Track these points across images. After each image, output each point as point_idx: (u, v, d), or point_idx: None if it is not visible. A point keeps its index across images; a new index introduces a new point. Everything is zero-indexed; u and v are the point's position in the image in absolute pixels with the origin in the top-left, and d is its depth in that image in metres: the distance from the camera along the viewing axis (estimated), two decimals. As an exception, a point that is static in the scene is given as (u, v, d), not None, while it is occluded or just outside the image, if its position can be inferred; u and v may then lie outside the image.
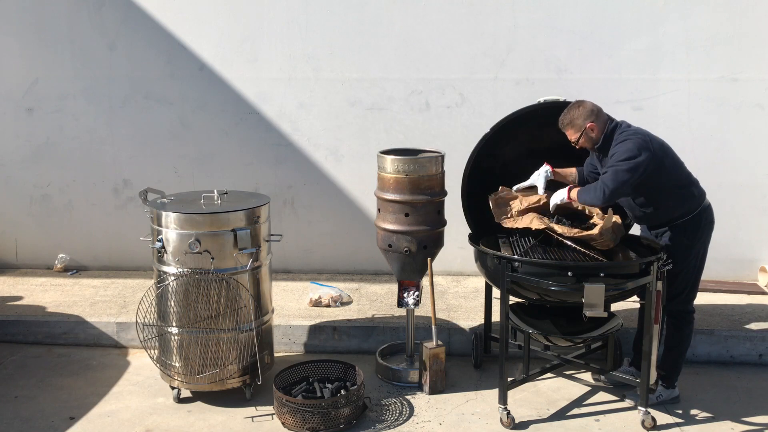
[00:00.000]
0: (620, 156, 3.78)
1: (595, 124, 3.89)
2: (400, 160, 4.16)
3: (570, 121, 3.93)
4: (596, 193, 3.79)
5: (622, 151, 3.78)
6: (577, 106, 3.94)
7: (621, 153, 3.79)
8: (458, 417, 4.05)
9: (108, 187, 6.04)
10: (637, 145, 3.77)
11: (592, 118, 3.90)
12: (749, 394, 4.33)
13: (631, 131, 3.88)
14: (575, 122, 3.92)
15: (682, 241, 3.95)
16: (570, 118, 3.93)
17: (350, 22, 5.65)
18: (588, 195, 3.85)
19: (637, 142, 3.79)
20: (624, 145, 3.80)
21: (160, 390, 4.33)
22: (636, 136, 3.82)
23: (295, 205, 5.96)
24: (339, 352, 4.85)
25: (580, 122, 3.90)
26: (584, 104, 3.94)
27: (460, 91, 5.68)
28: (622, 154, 3.78)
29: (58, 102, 5.92)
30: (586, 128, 3.89)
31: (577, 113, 3.92)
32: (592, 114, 3.91)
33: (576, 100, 4.00)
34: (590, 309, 3.60)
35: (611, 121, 3.95)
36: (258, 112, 5.83)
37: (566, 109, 3.97)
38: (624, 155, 3.76)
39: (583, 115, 3.90)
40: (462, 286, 5.74)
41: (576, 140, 3.95)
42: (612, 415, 4.07)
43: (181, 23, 5.74)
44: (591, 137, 3.92)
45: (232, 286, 3.97)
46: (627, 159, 3.75)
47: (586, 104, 3.94)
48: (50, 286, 5.72)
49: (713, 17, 5.45)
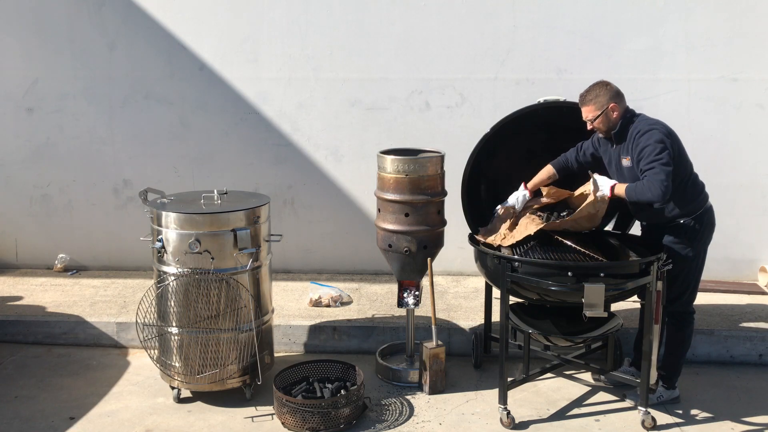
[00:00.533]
0: (656, 147, 3.70)
1: (617, 106, 3.85)
2: (400, 160, 4.16)
3: (595, 97, 3.86)
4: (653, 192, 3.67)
5: (656, 141, 3.71)
6: (603, 85, 3.89)
7: (655, 144, 3.71)
8: (458, 417, 4.05)
9: (108, 187, 6.03)
10: (664, 135, 3.74)
11: (616, 100, 3.86)
12: (749, 394, 4.33)
13: (652, 120, 3.84)
14: (599, 99, 3.85)
15: (682, 243, 3.95)
16: (595, 94, 3.87)
17: (350, 22, 5.65)
18: (643, 194, 3.73)
19: (662, 131, 3.76)
20: (653, 136, 3.73)
21: (160, 390, 4.33)
22: (659, 126, 3.79)
23: (295, 205, 5.96)
24: (339, 352, 4.85)
25: (603, 100, 3.84)
26: (610, 85, 3.90)
27: (460, 91, 5.68)
28: (657, 144, 3.70)
29: (58, 102, 5.92)
30: (608, 108, 3.84)
31: (603, 90, 3.86)
32: (617, 96, 3.87)
33: (600, 80, 3.95)
34: (590, 309, 3.60)
35: (629, 110, 3.91)
36: (258, 112, 5.83)
37: (591, 86, 3.91)
38: (659, 146, 3.70)
39: (608, 94, 3.85)
40: (462, 286, 5.74)
41: (594, 118, 3.88)
42: (612, 415, 4.07)
43: (181, 23, 5.74)
44: (610, 119, 3.87)
45: (232, 286, 3.97)
46: (663, 150, 3.69)
47: (611, 85, 3.89)
48: (50, 286, 5.72)
49: (713, 17, 5.45)
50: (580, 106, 3.96)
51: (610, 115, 3.87)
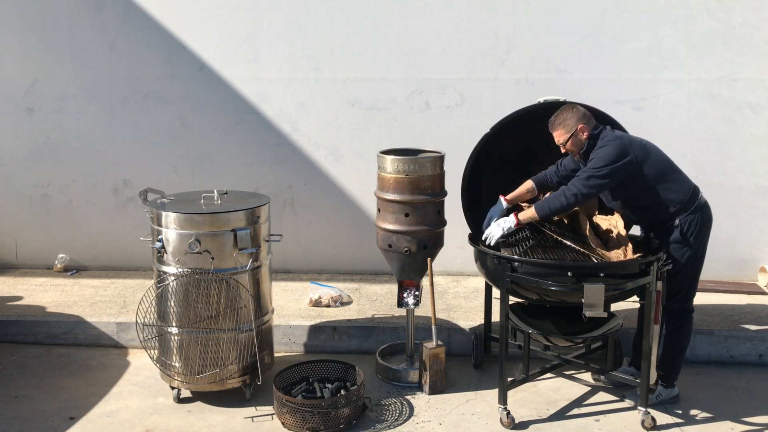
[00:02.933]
0: (597, 162, 3.83)
1: (585, 126, 3.93)
2: (400, 160, 4.16)
3: (562, 121, 3.95)
4: (565, 198, 3.84)
5: (600, 157, 3.84)
6: (570, 108, 3.98)
7: (599, 159, 3.84)
8: (458, 417, 4.05)
9: (108, 187, 6.03)
10: (617, 151, 3.82)
11: (584, 121, 3.94)
12: (749, 394, 4.33)
13: (611, 137, 3.92)
14: (567, 122, 3.94)
15: (681, 240, 3.95)
16: (563, 119, 3.96)
17: (350, 22, 5.65)
18: (555, 202, 3.88)
19: (616, 147, 3.84)
20: (602, 151, 3.85)
21: (160, 390, 4.33)
22: (615, 142, 3.86)
23: (295, 205, 5.96)
24: (339, 352, 4.85)
25: (572, 123, 3.93)
26: (577, 107, 3.98)
27: (460, 91, 5.68)
28: (600, 160, 3.83)
29: (58, 102, 5.92)
30: (577, 129, 3.92)
31: (569, 114, 3.95)
32: (584, 117, 3.95)
33: (568, 103, 4.03)
34: (590, 309, 3.60)
35: (597, 127, 3.98)
36: (258, 112, 5.83)
37: (558, 111, 4.00)
38: (601, 162, 3.82)
39: (575, 116, 3.94)
40: (462, 286, 5.74)
41: (565, 141, 3.97)
42: (612, 415, 4.07)
43: (181, 23, 5.74)
44: (580, 140, 3.95)
45: (232, 286, 3.97)
46: (604, 165, 3.81)
47: (578, 108, 3.98)
48: (50, 286, 5.72)
49: (713, 17, 5.45)
50: (551, 131, 4.01)
51: (579, 136, 3.94)
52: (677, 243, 3.95)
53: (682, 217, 3.94)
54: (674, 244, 3.96)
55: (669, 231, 3.97)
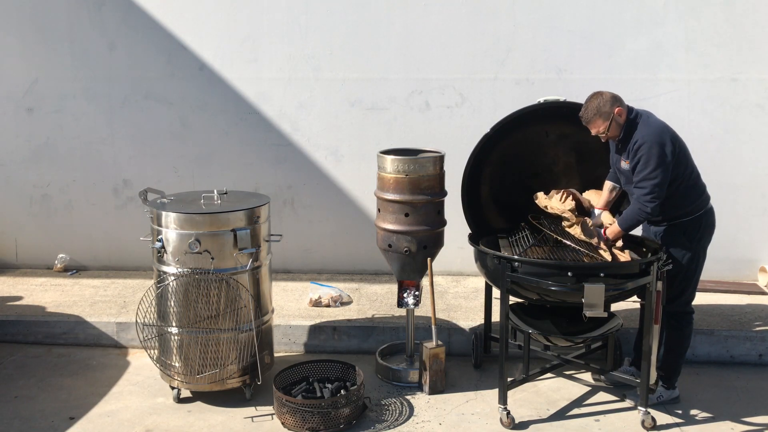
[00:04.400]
0: (650, 163, 3.72)
1: (622, 109, 3.82)
2: (400, 160, 4.16)
3: (597, 110, 3.80)
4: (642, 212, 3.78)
5: (651, 156, 3.72)
6: (598, 96, 3.84)
7: (649, 159, 3.72)
8: (458, 417, 4.05)
9: (108, 187, 6.03)
10: (662, 146, 3.73)
11: (617, 104, 3.82)
12: (749, 394, 4.33)
13: (653, 126, 3.79)
14: (602, 109, 3.79)
15: (682, 242, 3.95)
16: (596, 107, 3.81)
17: (350, 22, 5.65)
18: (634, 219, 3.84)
19: (662, 142, 3.74)
20: (651, 149, 3.72)
21: (160, 390, 4.33)
22: (658, 135, 3.76)
23: (295, 205, 5.96)
24: (339, 352, 4.85)
25: (607, 109, 3.79)
26: (604, 93, 3.85)
27: (460, 91, 5.68)
28: (652, 160, 3.71)
29: (58, 102, 5.92)
30: (614, 114, 3.80)
31: (601, 101, 3.81)
32: (616, 100, 3.83)
33: (593, 92, 3.89)
34: (590, 309, 3.60)
35: (630, 110, 3.88)
36: (258, 112, 5.83)
37: (587, 102, 3.86)
38: (654, 162, 3.71)
39: (608, 102, 3.80)
40: (462, 286, 5.74)
41: (605, 130, 3.83)
42: (612, 415, 4.07)
43: (181, 23, 5.74)
44: (620, 123, 3.83)
45: (232, 286, 3.97)
46: (657, 166, 3.71)
47: (605, 93, 3.85)
48: (50, 286, 5.72)
49: (713, 17, 5.45)
50: (586, 125, 3.89)
51: (618, 120, 3.83)
52: (679, 244, 3.95)
53: (687, 219, 3.93)
54: (676, 246, 3.95)
55: (671, 231, 3.97)
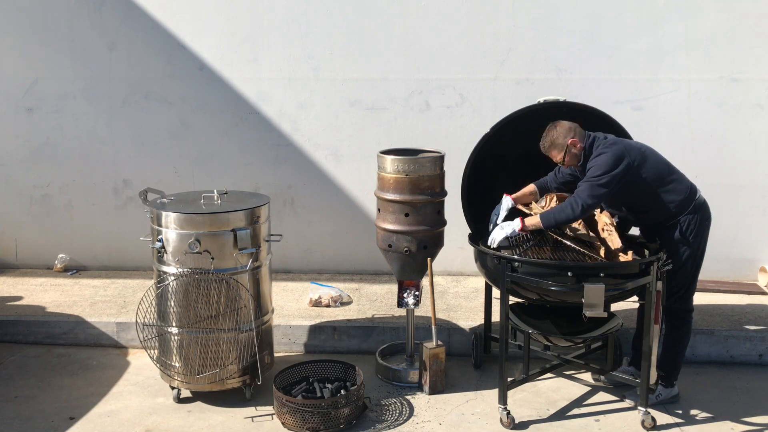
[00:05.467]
0: (596, 171, 3.82)
1: (576, 140, 3.92)
2: (400, 160, 4.16)
3: (551, 143, 3.95)
4: (572, 211, 3.83)
5: (599, 165, 3.83)
6: (553, 127, 3.96)
7: (597, 167, 3.83)
8: (458, 417, 4.05)
9: (108, 187, 6.03)
10: (614, 157, 3.81)
11: (571, 135, 3.92)
12: (749, 394, 4.33)
13: (607, 143, 3.91)
14: (556, 142, 3.93)
15: (679, 239, 3.96)
16: (550, 140, 3.95)
17: (350, 22, 5.65)
18: (561, 214, 3.88)
19: (614, 154, 3.83)
20: (600, 159, 3.84)
21: (160, 390, 4.33)
22: (613, 148, 3.86)
23: (295, 205, 5.96)
24: (339, 352, 4.85)
25: (561, 141, 3.92)
26: (560, 123, 3.97)
27: (460, 91, 5.68)
28: (599, 168, 3.82)
29: (58, 102, 5.92)
30: (568, 145, 3.91)
31: (555, 133, 3.94)
32: (570, 131, 3.94)
33: (551, 123, 4.00)
34: (590, 309, 3.60)
35: (588, 135, 3.97)
36: (258, 112, 5.83)
37: (544, 133, 3.99)
38: (600, 170, 3.81)
39: (562, 133, 3.93)
40: (462, 286, 5.74)
41: (561, 160, 3.97)
42: (612, 415, 4.07)
43: (181, 23, 5.74)
44: (575, 153, 3.94)
45: (232, 286, 3.97)
46: (603, 173, 3.80)
47: (562, 123, 3.97)
48: (50, 286, 5.72)
49: (713, 17, 5.45)
50: (546, 154, 4.02)
51: (572, 150, 3.93)
52: (677, 242, 3.96)
53: (682, 217, 3.94)
54: (674, 243, 3.96)
55: (668, 230, 3.97)
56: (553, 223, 3.92)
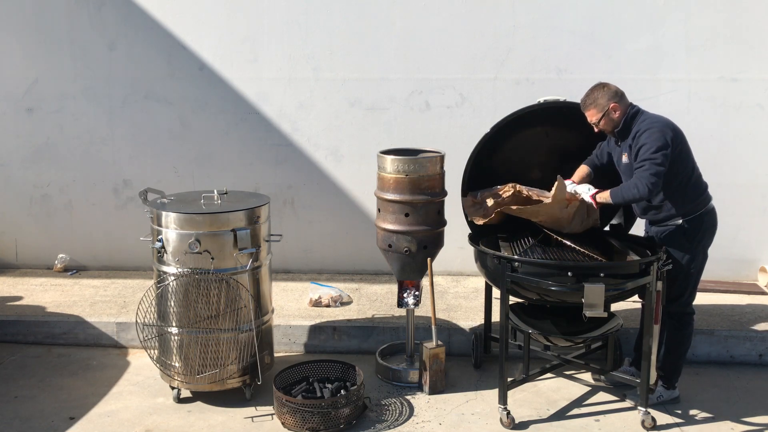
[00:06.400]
0: (652, 146, 3.75)
1: (618, 105, 3.88)
2: (400, 160, 4.16)
3: (593, 101, 3.91)
4: (637, 190, 3.76)
5: (653, 141, 3.75)
6: (600, 87, 3.93)
7: (652, 143, 3.75)
8: (458, 417, 4.05)
9: (108, 187, 6.04)
10: (664, 134, 3.77)
11: (615, 99, 3.88)
12: (749, 394, 4.33)
13: (654, 118, 3.86)
14: (598, 101, 3.89)
15: (682, 243, 3.94)
16: (593, 98, 3.91)
17: (350, 22, 5.65)
18: (629, 192, 3.81)
19: (664, 130, 3.78)
20: (652, 135, 3.77)
21: (160, 390, 4.33)
22: (660, 124, 3.81)
23: (295, 205, 5.96)
24: (339, 352, 4.85)
25: (603, 102, 3.88)
26: (608, 85, 3.93)
27: (460, 91, 5.68)
28: (654, 143, 3.75)
29: (58, 102, 5.92)
30: (608, 108, 3.87)
31: (600, 93, 3.90)
32: (615, 95, 3.89)
33: (599, 82, 3.98)
34: (590, 309, 3.60)
35: (632, 106, 3.93)
36: (258, 112, 5.83)
37: (589, 90, 3.95)
38: (655, 145, 3.74)
39: (606, 95, 3.89)
40: (462, 286, 5.74)
41: (597, 121, 3.92)
42: (612, 415, 4.07)
43: (181, 23, 5.74)
44: (612, 119, 3.90)
45: (232, 286, 3.97)
46: (658, 149, 3.73)
47: (610, 86, 3.93)
48: (50, 286, 5.72)
49: (713, 17, 5.45)
50: (583, 111, 3.98)
51: (611, 115, 3.90)
52: (680, 245, 3.94)
53: (689, 219, 3.91)
54: (677, 246, 3.94)
55: (673, 231, 3.95)
56: (621, 200, 3.87)
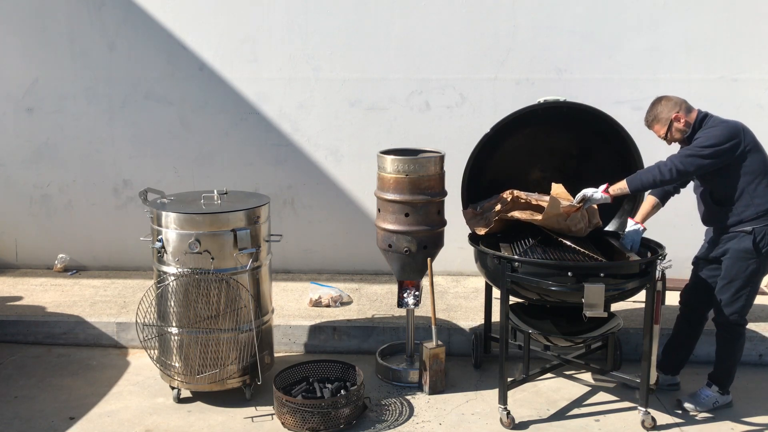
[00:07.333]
0: (703, 141, 3.71)
1: (680, 114, 3.83)
2: (400, 160, 4.16)
3: (654, 117, 3.89)
4: (659, 172, 3.70)
5: (707, 137, 3.71)
6: (659, 101, 3.91)
7: (704, 138, 3.71)
8: (458, 417, 4.05)
9: (108, 187, 6.04)
10: (726, 133, 3.70)
11: (676, 109, 3.84)
12: (749, 394, 4.33)
13: (720, 119, 3.80)
14: (660, 116, 3.87)
15: (750, 249, 3.80)
16: (654, 114, 3.89)
17: (350, 23, 5.65)
18: (647, 175, 3.74)
19: (726, 129, 3.72)
20: (711, 131, 3.73)
21: (160, 390, 4.33)
22: (725, 124, 3.75)
23: (295, 205, 5.96)
24: (339, 352, 4.85)
25: (665, 115, 3.85)
26: (667, 97, 3.90)
27: (460, 91, 5.68)
28: (706, 139, 3.71)
29: (58, 102, 5.92)
30: (672, 119, 3.83)
31: (660, 107, 3.88)
32: (676, 105, 3.86)
33: (658, 97, 3.95)
34: (590, 309, 3.60)
35: (700, 112, 3.88)
36: (258, 112, 5.83)
37: (649, 106, 3.93)
38: (707, 141, 3.70)
39: (667, 107, 3.86)
40: (462, 286, 5.74)
41: (664, 135, 3.88)
42: (612, 415, 4.07)
43: (181, 23, 5.74)
44: (679, 129, 3.84)
45: (232, 286, 3.97)
46: (709, 146, 3.68)
47: (669, 97, 3.90)
48: (50, 286, 5.72)
49: (713, 17, 5.45)
50: (650, 129, 3.96)
51: (677, 125, 3.85)
52: (746, 253, 3.82)
53: (759, 227, 3.79)
54: (742, 254, 3.82)
55: (740, 238, 3.83)
56: (639, 185, 3.79)
